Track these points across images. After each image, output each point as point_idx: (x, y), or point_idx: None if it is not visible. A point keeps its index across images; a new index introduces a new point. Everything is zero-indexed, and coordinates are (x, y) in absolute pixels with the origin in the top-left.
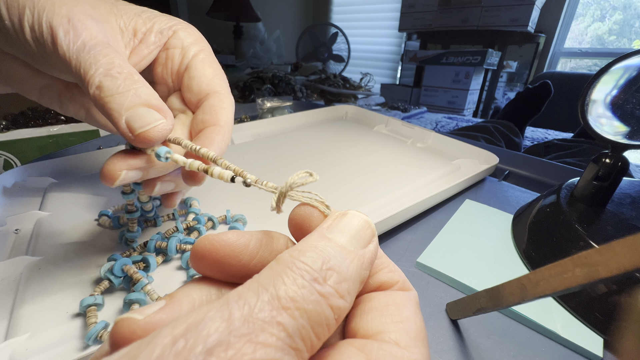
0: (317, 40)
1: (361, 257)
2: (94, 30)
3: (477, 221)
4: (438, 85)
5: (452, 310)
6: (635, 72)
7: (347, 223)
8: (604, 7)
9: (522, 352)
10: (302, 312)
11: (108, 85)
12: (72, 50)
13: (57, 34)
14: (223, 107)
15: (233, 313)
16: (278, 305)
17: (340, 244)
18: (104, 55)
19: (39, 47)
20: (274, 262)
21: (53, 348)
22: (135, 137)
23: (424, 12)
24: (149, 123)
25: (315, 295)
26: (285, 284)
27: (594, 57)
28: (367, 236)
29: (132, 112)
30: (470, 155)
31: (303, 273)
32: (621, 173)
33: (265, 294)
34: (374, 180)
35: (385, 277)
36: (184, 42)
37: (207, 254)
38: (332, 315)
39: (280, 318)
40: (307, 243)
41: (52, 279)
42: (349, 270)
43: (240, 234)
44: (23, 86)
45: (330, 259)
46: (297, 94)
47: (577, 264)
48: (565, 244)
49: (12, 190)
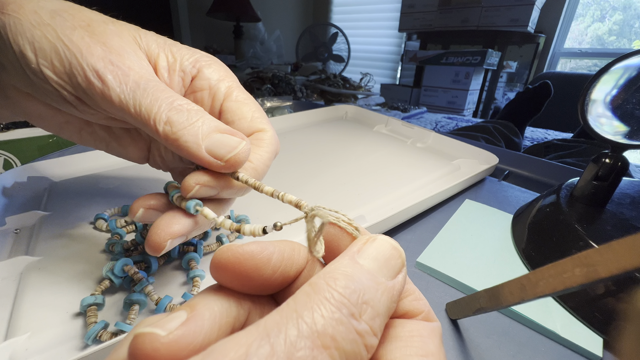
0: (317, 40)
1: (391, 289)
2: (136, 66)
3: (477, 221)
4: (438, 86)
5: (452, 310)
6: (635, 72)
7: (377, 249)
8: (604, 7)
9: (522, 352)
10: (341, 353)
11: (177, 119)
12: (127, 92)
13: (105, 77)
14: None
15: (276, 350)
16: (319, 343)
17: (371, 272)
18: (160, 91)
19: (79, 93)
20: (310, 289)
21: (53, 348)
22: (226, 162)
23: (424, 12)
24: (234, 147)
25: (354, 335)
26: (324, 318)
27: (593, 57)
28: (398, 266)
29: (211, 141)
30: (470, 155)
31: (340, 306)
32: (621, 173)
33: (305, 327)
34: (373, 180)
35: (410, 306)
36: (211, 81)
37: (230, 266)
38: (367, 355)
39: (321, 358)
40: (340, 269)
41: (52, 279)
42: (381, 304)
43: (263, 246)
44: (41, 122)
45: (365, 291)
46: (297, 94)
47: (577, 264)
48: (565, 244)
49: (12, 190)
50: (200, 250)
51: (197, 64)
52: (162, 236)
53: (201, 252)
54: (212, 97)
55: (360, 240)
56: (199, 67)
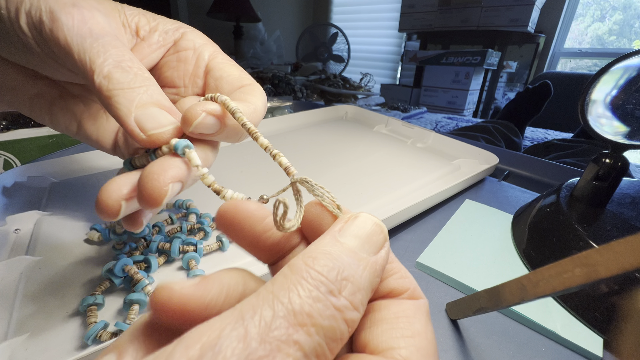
0: (317, 40)
1: (374, 264)
2: (101, 20)
3: (477, 221)
4: (438, 86)
5: (452, 310)
6: (635, 72)
7: (359, 227)
8: (604, 7)
9: (522, 352)
10: (319, 329)
11: (118, 77)
12: (75, 36)
13: (59, 17)
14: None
15: (249, 331)
16: (294, 321)
17: (352, 249)
18: (113, 46)
19: (34, 34)
20: (288, 270)
21: (53, 348)
22: (147, 136)
23: (424, 13)
24: (163, 125)
25: (331, 310)
26: (300, 297)
27: (594, 57)
28: (380, 241)
29: (144, 111)
30: (470, 155)
31: (318, 284)
32: (621, 173)
33: (280, 307)
34: (374, 180)
35: (396, 284)
36: (195, 43)
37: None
38: (347, 329)
39: (296, 336)
40: (320, 248)
41: (52, 279)
42: (362, 279)
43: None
44: (14, 95)
45: (345, 268)
46: (297, 94)
47: (577, 264)
48: (565, 244)
49: (12, 190)
50: (200, 250)
51: (181, 29)
52: (163, 180)
53: (201, 252)
54: (196, 57)
55: (342, 219)
56: (182, 32)
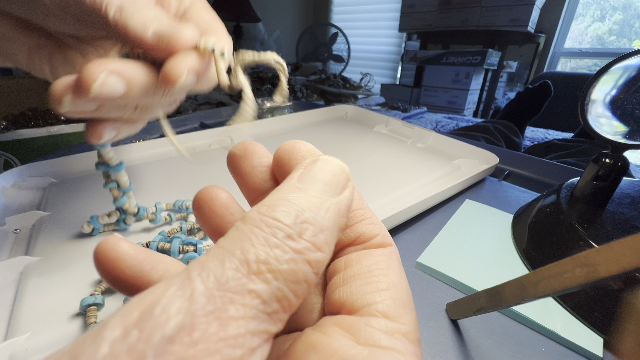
0: (317, 40)
1: (337, 204)
2: None
3: (477, 221)
4: (438, 86)
5: (452, 310)
6: (635, 72)
7: (319, 170)
8: (604, 7)
9: (522, 352)
10: (277, 274)
11: (128, 7)
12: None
13: None
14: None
15: (196, 288)
16: (248, 271)
17: (313, 193)
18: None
19: None
20: (241, 223)
21: (53, 348)
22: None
23: (424, 12)
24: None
25: (291, 254)
26: (254, 246)
27: (594, 57)
28: (342, 181)
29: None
30: (470, 155)
31: (275, 231)
32: (621, 173)
33: (232, 260)
34: (374, 180)
35: (365, 228)
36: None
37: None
38: (311, 270)
39: (251, 285)
40: (277, 196)
41: (52, 279)
42: (326, 220)
43: None
44: (12, 46)
45: (305, 210)
46: (297, 94)
47: (577, 264)
48: (565, 244)
49: (12, 190)
50: (200, 250)
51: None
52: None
53: (201, 252)
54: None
55: (302, 165)
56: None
